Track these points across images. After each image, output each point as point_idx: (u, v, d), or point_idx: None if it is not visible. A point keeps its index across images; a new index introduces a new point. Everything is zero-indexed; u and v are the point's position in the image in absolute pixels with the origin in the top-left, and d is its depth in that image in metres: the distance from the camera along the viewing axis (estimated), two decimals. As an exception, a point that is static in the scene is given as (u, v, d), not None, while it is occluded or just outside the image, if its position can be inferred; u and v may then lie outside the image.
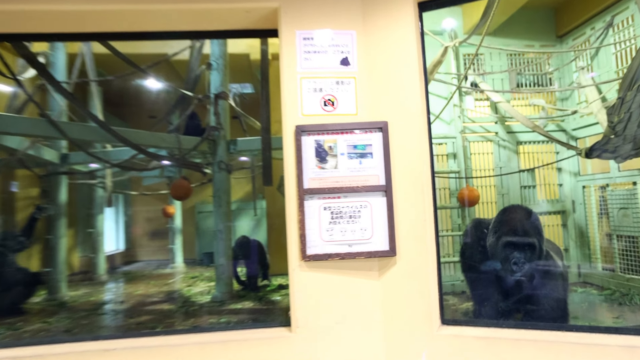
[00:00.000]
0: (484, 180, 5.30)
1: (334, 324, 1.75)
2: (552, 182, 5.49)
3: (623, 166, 4.94)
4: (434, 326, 1.74)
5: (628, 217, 4.88)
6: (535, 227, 2.14)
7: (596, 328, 1.72)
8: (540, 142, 5.41)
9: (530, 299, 2.12)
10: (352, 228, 1.74)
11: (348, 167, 1.76)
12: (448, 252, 5.04)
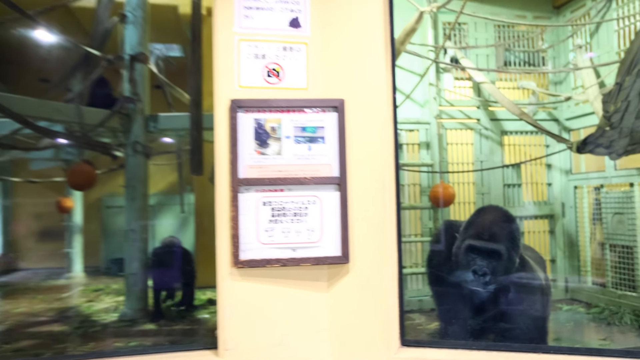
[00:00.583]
0: (462, 176, 5.53)
1: (272, 345, 1.78)
2: (540, 181, 5.81)
3: (620, 164, 5.33)
4: (392, 348, 1.81)
5: (623, 223, 5.27)
6: (509, 233, 2.27)
7: (576, 350, 1.86)
8: (528, 133, 5.71)
9: (504, 317, 2.26)
10: (297, 228, 1.77)
11: (294, 154, 1.78)
12: (416, 262, 5.22)
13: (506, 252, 2.23)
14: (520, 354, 1.81)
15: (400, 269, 1.92)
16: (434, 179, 5.27)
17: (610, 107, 2.86)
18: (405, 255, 5.29)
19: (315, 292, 1.81)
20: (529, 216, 5.78)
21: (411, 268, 5.20)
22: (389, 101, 1.90)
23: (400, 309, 1.88)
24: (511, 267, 2.26)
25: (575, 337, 4.10)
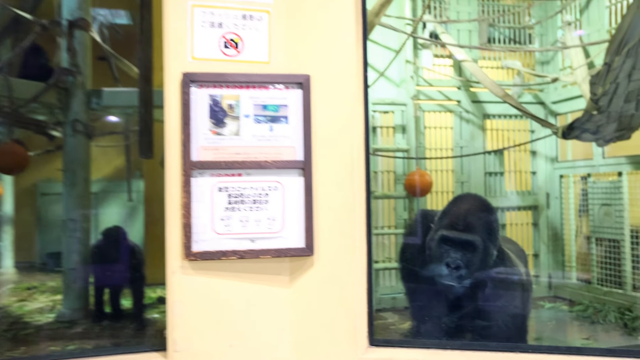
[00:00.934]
0: (440, 162, 5.62)
1: (227, 346, 1.79)
2: (524, 169, 5.96)
3: (609, 152, 5.51)
4: (360, 348, 1.85)
5: (610, 216, 5.47)
6: (486, 223, 2.34)
7: (556, 349, 1.94)
8: (512, 117, 5.84)
9: (480, 314, 2.33)
10: (256, 217, 1.78)
11: (254, 135, 1.79)
12: (389, 256, 5.30)
13: (482, 244, 2.29)
14: (497, 354, 1.87)
15: (370, 263, 1.96)
16: (410, 166, 5.34)
17: (598, 89, 2.96)
18: (378, 248, 5.36)
19: (276, 287, 1.83)
20: (511, 207, 5.93)
21: (384, 263, 5.28)
22: (359, 79, 1.92)
23: (369, 306, 1.92)
24: (488, 261, 2.33)
25: (557, 336, 4.25)
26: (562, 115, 5.91)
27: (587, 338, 4.09)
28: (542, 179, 6.00)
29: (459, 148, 5.68)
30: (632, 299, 4.86)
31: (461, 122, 5.67)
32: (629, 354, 1.78)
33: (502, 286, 2.38)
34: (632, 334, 4.15)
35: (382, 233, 5.40)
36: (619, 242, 5.25)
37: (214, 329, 1.79)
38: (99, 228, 5.85)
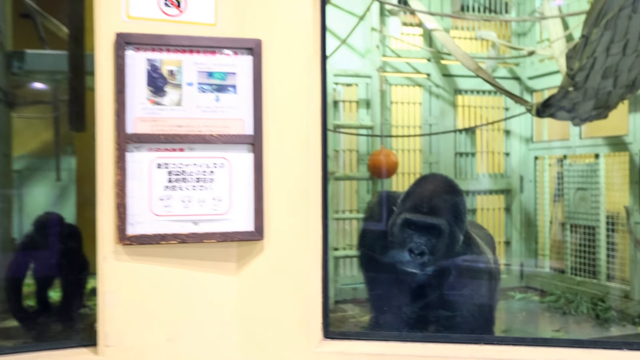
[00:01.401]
0: (407, 141, 5.69)
1: (165, 340, 1.79)
2: (497, 150, 6.10)
3: (586, 132, 5.69)
4: (313, 341, 1.88)
5: (585, 201, 5.66)
6: (452, 205, 2.38)
7: (522, 340, 2.02)
8: (485, 93, 5.94)
9: (444, 304, 2.39)
10: (200, 197, 1.78)
11: (198, 105, 1.77)
12: (350, 243, 5.36)
13: (448, 228, 2.33)
14: (460, 346, 1.93)
15: (326, 249, 1.98)
16: (374, 145, 5.38)
17: (574, 64, 3.04)
18: (338, 234, 5.41)
19: (221, 274, 1.83)
20: (483, 191, 6.07)
21: (344, 250, 5.34)
22: (317, 45, 1.92)
23: (324, 296, 1.95)
24: (454, 246, 2.38)
25: (526, 328, 4.41)
26: (538, 92, 6.05)
27: (557, 330, 4.26)
28: (515, 161, 6.15)
29: (427, 126, 5.75)
30: (606, 289, 5.07)
31: (430, 98, 5.74)
32: (595, 344, 1.86)
33: (468, 274, 2.44)
34: (603, 326, 4.34)
35: (343, 218, 5.44)
36: (595, 229, 5.45)
37: (151, 322, 1.78)
38: (23, 211, 5.70)
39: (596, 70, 3.14)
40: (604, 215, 5.38)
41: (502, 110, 6.11)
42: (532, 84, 6.03)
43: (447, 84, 5.76)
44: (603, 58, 3.02)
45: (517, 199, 6.17)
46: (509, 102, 5.91)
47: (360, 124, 5.39)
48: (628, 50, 3.01)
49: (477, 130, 6.00)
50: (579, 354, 1.83)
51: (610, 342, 1.99)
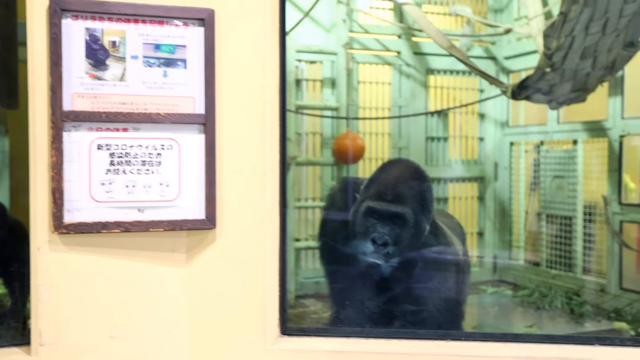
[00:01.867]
0: (375, 124, 5.72)
1: (107, 338, 1.77)
2: (471, 135, 6.18)
3: (564, 117, 5.80)
4: (269, 338, 1.89)
5: (563, 189, 5.79)
6: (418, 193, 2.41)
7: (490, 336, 2.07)
8: (459, 74, 6.00)
9: (409, 298, 2.42)
10: (146, 182, 1.76)
11: (144, 81, 1.75)
12: (313, 233, 5.38)
13: (413, 217, 2.36)
14: (426, 342, 1.96)
15: (284, 239, 1.98)
16: (340, 127, 5.39)
17: (552, 43, 3.09)
18: (300, 224, 5.42)
19: (169, 266, 1.82)
20: (455, 178, 6.15)
21: (307, 241, 5.36)
22: (275, 17, 1.90)
23: (281, 290, 1.95)
24: (420, 236, 2.41)
25: (498, 324, 4.50)
26: (515, 73, 6.14)
27: (530, 325, 4.37)
28: (490, 147, 6.24)
29: (397, 108, 5.79)
30: (582, 283, 5.21)
31: (400, 78, 5.76)
32: (567, 340, 1.92)
33: (435, 267, 2.48)
34: (578, 321, 4.47)
35: (305, 206, 5.45)
36: (571, 219, 5.58)
37: (91, 318, 1.76)
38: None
39: (574, 50, 3.20)
40: (581, 205, 5.51)
41: (477, 92, 6.19)
42: (508, 64, 6.11)
43: (418, 63, 5.79)
44: (582, 37, 3.08)
45: (491, 187, 6.27)
46: (484, 83, 5.97)
47: (324, 104, 5.38)
48: (608, 30, 3.08)
49: (450, 113, 6.06)
50: (549, 350, 1.88)
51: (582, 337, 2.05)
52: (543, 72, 3.39)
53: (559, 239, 5.70)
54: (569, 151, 5.65)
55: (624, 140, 5.05)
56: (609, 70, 3.58)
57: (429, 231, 2.45)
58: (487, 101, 6.03)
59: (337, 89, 5.37)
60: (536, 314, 4.70)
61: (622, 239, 4.88)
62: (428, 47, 5.73)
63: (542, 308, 4.83)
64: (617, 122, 5.02)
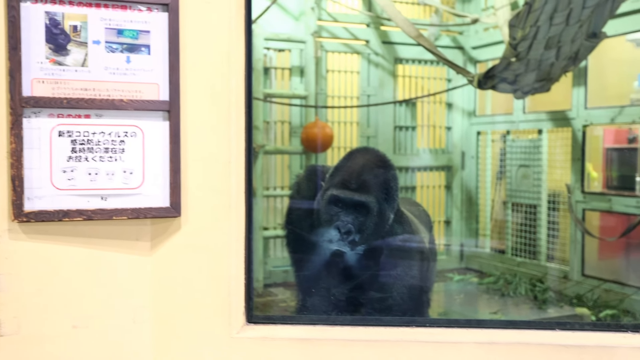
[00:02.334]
0: (344, 113, 5.72)
1: (70, 328, 1.75)
2: (439, 124, 6.22)
3: (530, 107, 5.88)
4: (235, 326, 1.88)
5: (528, 178, 5.87)
6: (383, 181, 2.41)
7: (455, 322, 2.09)
8: (427, 63, 6.03)
9: (375, 285, 2.44)
10: (109, 169, 1.73)
11: (107, 67, 1.72)
12: (281, 222, 5.37)
13: (377, 206, 2.37)
14: (391, 329, 1.97)
15: (250, 227, 1.97)
16: (308, 116, 5.38)
17: (517, 33, 3.13)
18: (268, 213, 5.41)
19: (133, 255, 1.80)
20: (423, 167, 6.19)
21: (275, 230, 5.35)
22: (241, 3, 1.88)
23: (247, 278, 1.94)
24: (384, 225, 2.42)
25: (464, 311, 4.56)
26: (482, 63, 6.19)
27: (495, 312, 4.43)
28: (457, 136, 6.29)
29: (365, 96, 5.79)
30: (545, 270, 5.30)
31: (369, 67, 5.77)
32: (529, 325, 1.95)
33: (400, 254, 2.49)
34: (541, 307, 4.56)
35: (273, 195, 5.44)
36: (536, 207, 5.67)
37: (53, 308, 1.73)
38: None
39: (539, 40, 3.24)
40: (545, 194, 5.60)
41: (445, 82, 6.22)
42: (475, 54, 6.16)
43: (386, 52, 5.80)
44: (546, 27, 3.12)
45: (458, 176, 6.33)
46: (452, 72, 6.02)
47: (293, 93, 5.37)
48: (571, 20, 3.12)
49: (418, 103, 6.09)
50: (512, 335, 1.91)
51: (544, 322, 2.09)
52: (509, 61, 3.43)
53: (524, 227, 5.79)
54: (534, 140, 5.73)
55: (586, 130, 5.14)
56: (573, 60, 3.64)
57: (395, 219, 2.47)
58: (454, 91, 6.08)
59: (305, 77, 5.35)
60: (501, 301, 4.77)
61: (584, 227, 4.97)
62: (396, 36, 5.74)
63: (506, 295, 4.91)
64: (580, 112, 5.10)
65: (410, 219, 2.60)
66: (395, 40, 5.79)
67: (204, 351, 1.86)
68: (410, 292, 2.45)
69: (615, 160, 5.44)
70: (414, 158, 6.11)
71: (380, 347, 1.90)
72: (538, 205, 5.66)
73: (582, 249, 5.11)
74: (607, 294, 4.73)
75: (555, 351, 1.88)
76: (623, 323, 3.28)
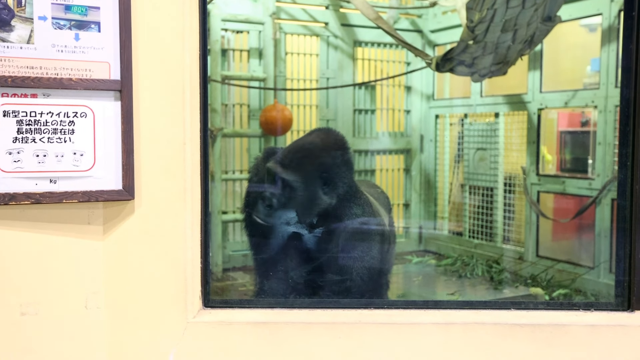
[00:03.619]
0: (303, 95, 5.68)
1: (19, 315, 1.71)
2: (398, 107, 6.24)
3: (487, 90, 5.94)
4: (191, 311, 1.86)
5: (485, 161, 5.95)
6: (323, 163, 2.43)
7: (412, 303, 2.11)
8: (386, 46, 6.03)
9: (333, 267, 2.43)
10: (58, 150, 1.68)
11: (54, 44, 1.66)
12: (240, 206, 5.33)
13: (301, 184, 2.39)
14: (349, 311, 1.98)
15: (206, 210, 1.95)
16: (267, 99, 5.34)
17: (474, 16, 3.13)
18: (227, 196, 5.36)
19: (85, 239, 1.76)
20: (382, 150, 6.21)
21: (234, 214, 5.31)
22: (195, -20, 1.84)
23: (203, 262, 1.92)
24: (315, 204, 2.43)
25: (422, 292, 4.61)
26: (440, 47, 6.21)
27: (452, 293, 4.49)
28: (416, 119, 6.32)
29: (325, 79, 5.76)
30: (501, 251, 5.39)
31: (328, 49, 5.74)
32: (485, 305, 1.97)
33: (359, 236, 2.50)
34: (497, 288, 4.64)
35: (232, 178, 5.39)
36: (493, 190, 5.75)
37: (1, 295, 1.68)
38: None
39: (496, 23, 3.25)
40: (502, 177, 5.68)
41: (404, 65, 6.23)
42: (434, 38, 6.18)
43: (346, 34, 5.78)
44: (503, 10, 3.13)
45: (417, 159, 6.36)
46: (411, 56, 6.03)
47: (251, 75, 5.31)
48: (527, 3, 3.13)
49: (377, 86, 6.09)
50: (468, 315, 1.93)
51: (499, 302, 2.12)
52: (466, 44, 3.44)
53: (481, 210, 5.86)
54: (491, 124, 5.79)
55: (541, 114, 5.22)
56: (528, 44, 3.66)
57: (354, 202, 2.47)
58: (413, 74, 6.09)
59: (264, 59, 5.30)
60: (458, 282, 4.84)
61: (539, 209, 5.06)
62: (355, 19, 5.72)
63: (464, 276, 4.97)
64: (535, 96, 5.17)
65: (369, 201, 2.60)
66: (355, 22, 5.76)
67: (159, 336, 1.84)
68: (369, 274, 2.46)
69: (568, 143, 5.54)
70: (373, 141, 6.12)
71: (338, 329, 1.90)
72: (495, 187, 5.73)
73: (536, 231, 5.20)
74: (560, 274, 4.83)
75: (510, 330, 1.90)
76: (575, 302, 3.36)
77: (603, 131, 4.60)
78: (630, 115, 2.04)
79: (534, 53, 4.91)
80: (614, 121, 4.50)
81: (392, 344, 1.89)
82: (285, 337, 1.88)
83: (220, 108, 5.12)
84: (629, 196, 2.02)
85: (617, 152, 2.19)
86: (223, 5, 5.04)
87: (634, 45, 2.02)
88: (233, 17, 5.16)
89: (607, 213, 4.55)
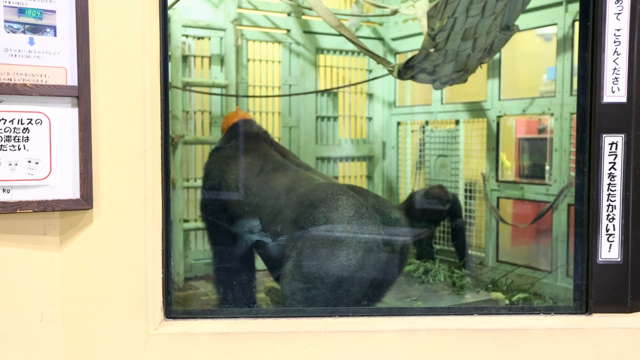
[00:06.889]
0: (265, 102, 5.66)
1: (-29, 329, 1.64)
2: (360, 114, 6.26)
3: (447, 98, 6.00)
4: (152, 322, 1.82)
5: (446, 168, 6.00)
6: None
7: (377, 311, 2.10)
8: (348, 53, 6.04)
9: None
10: (11, 159, 1.63)
11: (6, 48, 1.62)
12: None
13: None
14: (313, 319, 1.96)
15: (168, 219, 1.91)
16: (229, 105, 5.29)
17: (435, 24, 3.15)
18: (189, 204, 5.29)
19: (41, 250, 1.71)
20: (345, 157, 6.21)
21: (196, 222, 5.24)
22: (155, -16, 1.81)
23: (165, 272, 1.89)
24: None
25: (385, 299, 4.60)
26: (402, 54, 6.26)
27: (415, 299, 4.49)
28: (378, 126, 6.35)
29: (287, 86, 5.75)
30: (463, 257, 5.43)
31: (290, 56, 5.72)
32: (448, 311, 1.97)
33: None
34: (459, 293, 4.65)
35: (194, 186, 5.32)
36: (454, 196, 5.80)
37: (-49, 308, 1.62)
38: None
39: (456, 32, 3.27)
40: (462, 183, 5.74)
41: (366, 72, 6.26)
42: (395, 46, 6.22)
43: (308, 41, 5.77)
44: (463, 19, 3.15)
45: (379, 166, 6.39)
46: (373, 63, 6.06)
47: (213, 82, 5.25)
48: (486, 12, 3.17)
49: (340, 93, 6.10)
50: (433, 322, 1.93)
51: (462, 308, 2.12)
52: (427, 52, 3.46)
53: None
54: (451, 131, 5.85)
55: (500, 121, 5.29)
56: (488, 52, 3.71)
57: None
58: (375, 81, 6.12)
59: (226, 66, 5.26)
60: (421, 288, 4.84)
61: (498, 214, 5.12)
62: (318, 26, 5.72)
63: (426, 282, 4.98)
64: (494, 104, 5.23)
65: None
66: (317, 29, 5.76)
67: (119, 350, 1.79)
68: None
69: (526, 149, 5.62)
70: (335, 148, 6.12)
71: (303, 338, 1.88)
72: (455, 194, 5.78)
73: (496, 236, 5.26)
74: (519, 278, 4.88)
75: (474, 335, 1.91)
76: (536, 306, 3.40)
77: (559, 138, 4.68)
78: (587, 122, 2.07)
79: (493, 61, 4.98)
80: (569, 128, 4.58)
81: (358, 353, 1.87)
82: (250, 348, 1.85)
83: (182, 115, 5.06)
84: (586, 201, 2.05)
85: (575, 158, 2.22)
86: (184, 11, 4.98)
87: (589, 55, 2.05)
88: (194, 23, 5.11)
89: (563, 218, 4.63)
